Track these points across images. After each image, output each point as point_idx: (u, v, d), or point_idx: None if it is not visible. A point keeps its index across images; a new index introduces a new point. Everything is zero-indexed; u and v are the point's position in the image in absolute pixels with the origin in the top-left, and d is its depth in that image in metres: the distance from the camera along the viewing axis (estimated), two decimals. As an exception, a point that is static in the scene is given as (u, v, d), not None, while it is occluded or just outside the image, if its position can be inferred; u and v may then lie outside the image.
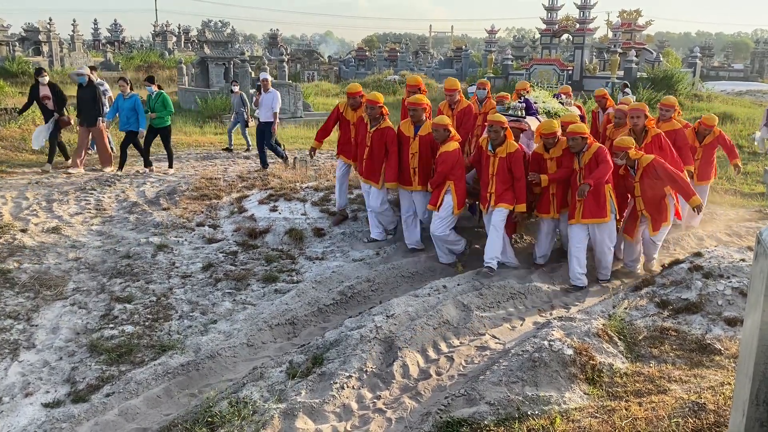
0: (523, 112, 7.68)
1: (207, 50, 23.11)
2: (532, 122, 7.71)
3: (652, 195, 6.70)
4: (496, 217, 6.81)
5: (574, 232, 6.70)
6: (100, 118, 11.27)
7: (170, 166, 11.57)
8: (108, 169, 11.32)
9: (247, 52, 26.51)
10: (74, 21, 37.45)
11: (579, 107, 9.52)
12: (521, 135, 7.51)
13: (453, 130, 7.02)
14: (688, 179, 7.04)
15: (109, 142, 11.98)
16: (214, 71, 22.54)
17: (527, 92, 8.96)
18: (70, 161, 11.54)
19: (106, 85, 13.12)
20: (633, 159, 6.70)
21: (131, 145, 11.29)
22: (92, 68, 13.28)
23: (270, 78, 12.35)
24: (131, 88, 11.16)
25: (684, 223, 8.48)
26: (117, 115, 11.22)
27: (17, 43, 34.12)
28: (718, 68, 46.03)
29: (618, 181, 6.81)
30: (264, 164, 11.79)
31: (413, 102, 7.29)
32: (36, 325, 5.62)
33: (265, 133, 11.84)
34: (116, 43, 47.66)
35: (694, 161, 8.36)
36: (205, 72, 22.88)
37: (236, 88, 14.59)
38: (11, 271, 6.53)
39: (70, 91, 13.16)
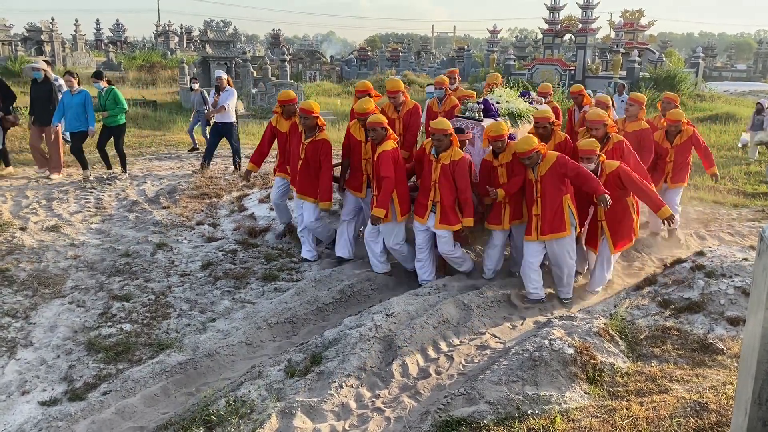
0: (481, 114, 6.91)
1: (209, 50, 23.14)
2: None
3: (614, 205, 5.98)
4: (445, 248, 6.33)
5: (530, 248, 6.10)
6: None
7: (123, 170, 10.66)
8: (56, 176, 10.29)
9: (249, 52, 26.50)
10: (76, 21, 37.56)
11: (555, 108, 8.67)
12: (473, 142, 6.86)
13: (390, 130, 6.46)
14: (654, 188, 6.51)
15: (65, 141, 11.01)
16: (215, 71, 22.50)
17: (497, 86, 8.50)
18: (11, 168, 10.61)
19: (61, 81, 11.84)
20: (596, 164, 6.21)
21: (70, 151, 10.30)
22: (47, 62, 12.40)
23: (226, 76, 11.66)
24: (79, 83, 10.11)
25: (652, 229, 8.06)
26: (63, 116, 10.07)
27: (20, 43, 34.14)
28: (721, 69, 45.96)
29: (578, 189, 6.14)
30: (206, 162, 11.12)
31: (360, 111, 6.68)
32: (34, 324, 5.59)
33: (222, 133, 11.13)
34: (118, 43, 47.74)
35: (667, 163, 7.89)
36: (206, 72, 22.89)
37: (196, 86, 14.06)
38: (10, 270, 6.50)
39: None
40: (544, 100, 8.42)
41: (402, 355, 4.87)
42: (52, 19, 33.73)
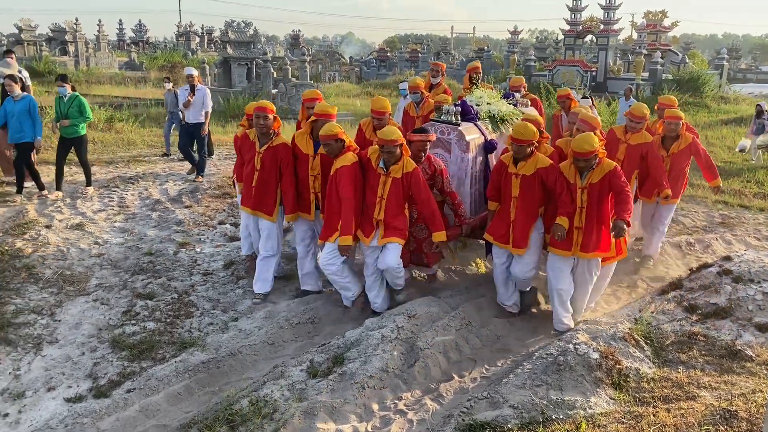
0: (458, 117, 6.15)
1: (230, 50, 23.28)
2: (469, 130, 6.17)
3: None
4: (391, 259, 5.50)
5: (561, 266, 5.48)
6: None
7: (88, 184, 9.54)
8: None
9: (269, 53, 26.62)
10: (99, 21, 38.01)
11: (534, 100, 8.15)
12: (449, 149, 6.09)
13: (348, 139, 5.61)
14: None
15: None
16: (236, 71, 22.66)
17: (478, 75, 8.11)
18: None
19: (26, 73, 10.95)
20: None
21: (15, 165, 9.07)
22: (8, 52, 11.43)
23: (196, 73, 10.96)
24: (23, 88, 9.11)
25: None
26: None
27: (44, 43, 34.69)
28: (746, 70, 45.23)
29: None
30: (193, 162, 10.63)
31: (321, 113, 5.93)
32: (59, 321, 5.66)
33: (193, 135, 10.57)
34: (140, 43, 48.24)
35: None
36: (227, 72, 23.02)
37: (169, 85, 13.00)
38: (35, 267, 6.59)
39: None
40: (519, 95, 7.76)
41: (424, 357, 4.85)
42: (76, 20, 34.30)
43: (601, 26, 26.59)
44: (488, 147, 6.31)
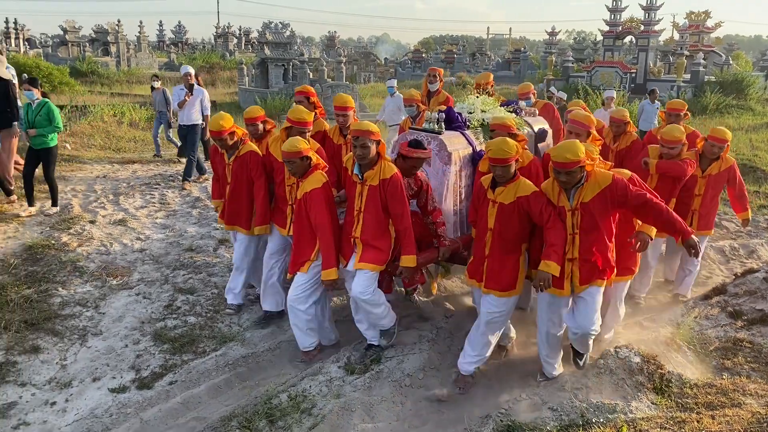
0: (442, 125, 5.27)
1: (267, 51, 23.51)
2: (452, 139, 5.22)
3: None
4: (358, 287, 4.61)
5: (553, 308, 4.52)
6: (16, 122, 8.45)
7: (54, 203, 8.39)
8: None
9: (305, 54, 26.87)
10: (141, 23, 38.82)
11: (550, 110, 7.22)
12: (444, 157, 5.10)
13: (316, 157, 4.85)
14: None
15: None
16: (273, 72, 22.88)
17: (488, 86, 7.42)
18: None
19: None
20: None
21: None
22: None
23: (194, 71, 10.45)
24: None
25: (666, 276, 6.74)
26: None
27: (87, 44, 35.60)
28: (792, 72, 43.92)
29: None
30: (202, 171, 10.41)
31: (295, 120, 5.27)
32: (103, 313, 5.79)
33: (188, 138, 10.13)
34: (179, 44, 49.11)
35: (694, 197, 5.95)
36: (264, 73, 23.27)
37: (157, 84, 12.40)
38: (80, 261, 6.76)
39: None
40: (524, 103, 6.76)
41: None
42: (118, 21, 35.05)
43: (642, 27, 26.10)
44: (477, 159, 5.34)
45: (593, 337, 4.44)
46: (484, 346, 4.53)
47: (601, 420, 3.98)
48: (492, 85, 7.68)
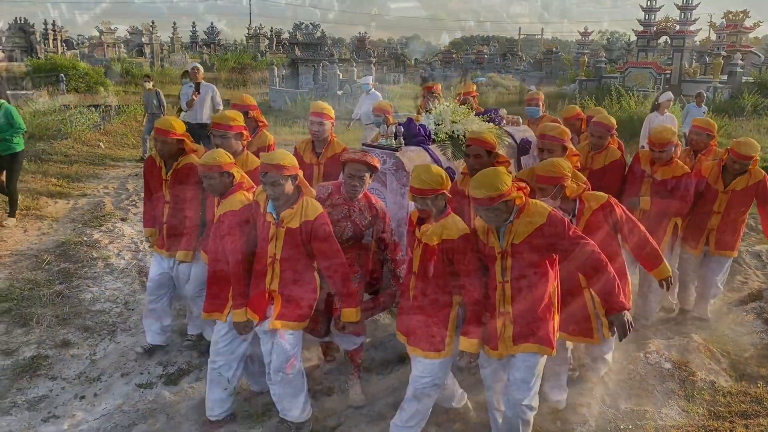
0: (401, 141, 4.68)
1: (297, 52, 23.68)
2: (412, 156, 4.58)
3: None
4: (279, 358, 3.77)
5: (489, 374, 3.76)
6: None
7: (11, 215, 7.71)
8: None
9: (335, 54, 26.95)
10: (174, 24, 39.46)
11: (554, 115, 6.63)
12: (402, 178, 4.46)
13: (239, 173, 4.12)
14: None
15: None
16: (303, 73, 23.05)
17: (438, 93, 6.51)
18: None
19: None
20: (572, 197, 3.91)
21: None
22: None
23: (201, 69, 9.91)
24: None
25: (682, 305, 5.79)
26: None
27: (122, 45, 36.28)
28: (834, 73, 42.70)
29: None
30: None
31: (217, 123, 4.68)
32: (132, 310, 5.87)
33: (201, 137, 8.94)
34: (212, 45, 49.72)
35: (713, 214, 5.24)
36: (295, 73, 23.46)
37: (149, 84, 12.00)
38: (111, 258, 6.87)
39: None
40: (506, 111, 5.96)
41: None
42: (152, 23, 35.64)
43: (677, 27, 25.62)
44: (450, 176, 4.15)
45: (528, 419, 3.55)
46: (414, 416, 3.66)
47: (630, 426, 3.90)
48: (475, 96, 6.99)
